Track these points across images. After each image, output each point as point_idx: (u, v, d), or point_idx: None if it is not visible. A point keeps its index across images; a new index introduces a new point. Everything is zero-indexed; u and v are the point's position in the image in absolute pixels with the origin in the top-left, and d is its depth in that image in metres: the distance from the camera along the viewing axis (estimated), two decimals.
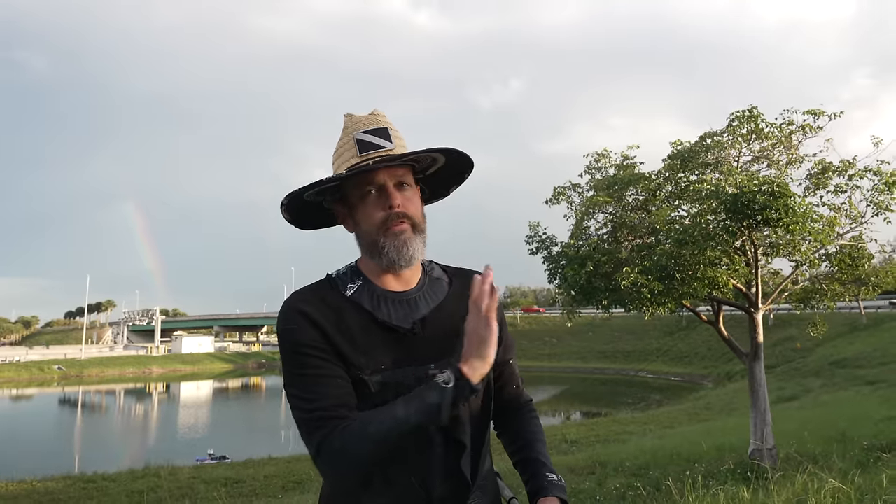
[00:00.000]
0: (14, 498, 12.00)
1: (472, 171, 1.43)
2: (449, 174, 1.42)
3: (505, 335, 1.42)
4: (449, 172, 1.42)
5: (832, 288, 8.75)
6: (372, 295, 1.29)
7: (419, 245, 1.29)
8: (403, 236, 1.26)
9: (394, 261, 1.26)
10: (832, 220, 7.80)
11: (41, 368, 59.74)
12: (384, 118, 1.32)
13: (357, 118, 1.31)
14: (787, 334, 37.17)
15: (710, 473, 7.65)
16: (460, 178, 1.45)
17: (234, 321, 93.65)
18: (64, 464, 17.35)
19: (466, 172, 1.43)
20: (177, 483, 12.75)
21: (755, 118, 8.22)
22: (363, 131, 1.28)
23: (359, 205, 1.28)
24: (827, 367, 27.72)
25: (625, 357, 53.03)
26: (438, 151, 1.32)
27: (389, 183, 1.27)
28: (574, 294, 8.76)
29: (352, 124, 1.30)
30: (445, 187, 1.46)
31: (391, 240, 1.26)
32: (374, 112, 1.32)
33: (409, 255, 1.27)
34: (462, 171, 1.42)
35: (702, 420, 19.47)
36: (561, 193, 9.29)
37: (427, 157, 1.34)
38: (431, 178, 1.41)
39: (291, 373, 1.22)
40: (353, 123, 1.30)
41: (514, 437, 1.44)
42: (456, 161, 1.38)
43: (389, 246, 1.26)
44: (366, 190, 1.27)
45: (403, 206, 1.27)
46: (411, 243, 1.27)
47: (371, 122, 1.30)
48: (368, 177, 1.26)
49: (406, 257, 1.27)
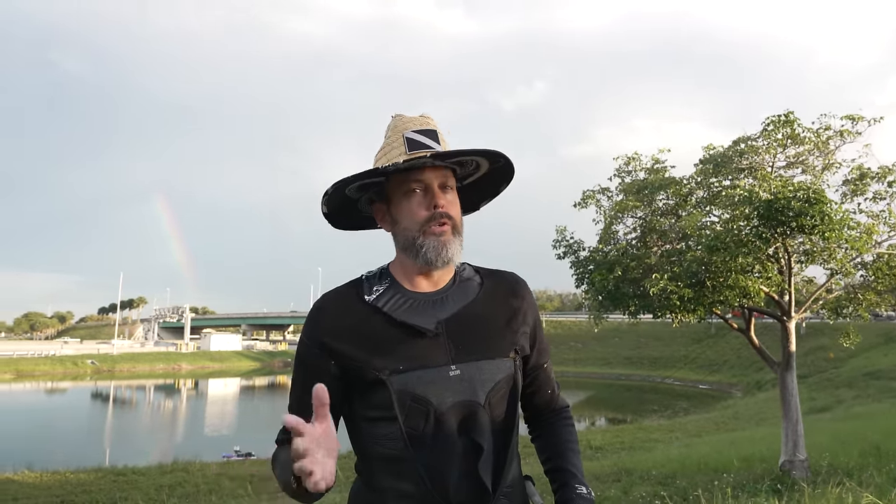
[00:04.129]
0: (48, 488, 12.32)
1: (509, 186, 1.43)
2: (485, 186, 1.43)
3: (540, 338, 1.41)
4: (486, 184, 1.42)
5: (867, 297, 8.51)
6: (397, 297, 1.29)
7: (457, 247, 1.29)
8: (444, 237, 1.27)
9: (431, 261, 1.27)
10: (870, 228, 7.60)
11: (75, 363, 61.20)
12: (433, 122, 1.33)
13: (407, 119, 1.32)
14: (819, 343, 36.28)
15: (739, 484, 7.50)
16: (495, 192, 1.45)
17: (262, 320, 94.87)
18: (95, 456, 17.74)
19: (503, 186, 1.43)
20: (203, 478, 12.95)
21: (791, 123, 8.05)
22: (413, 131, 1.28)
23: (402, 202, 1.29)
24: (861, 379, 27.01)
25: (651, 363, 52.28)
26: (487, 155, 1.32)
27: (435, 183, 1.28)
28: (601, 299, 8.68)
29: (401, 124, 1.31)
30: (479, 199, 1.46)
31: (431, 240, 1.26)
32: (423, 115, 1.33)
33: (448, 257, 1.27)
34: (499, 183, 1.42)
35: (730, 430, 19.10)
36: (590, 197, 9.21)
37: (471, 162, 1.34)
38: (466, 189, 1.41)
39: (293, 373, 1.31)
40: (403, 123, 1.31)
41: (545, 444, 1.42)
42: (496, 171, 1.38)
43: (428, 246, 1.26)
44: (411, 188, 1.27)
45: (447, 207, 1.28)
46: (451, 245, 1.27)
47: (421, 123, 1.30)
48: (415, 174, 1.27)
49: (444, 258, 1.27)
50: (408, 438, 1.20)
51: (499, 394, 1.27)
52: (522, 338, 1.34)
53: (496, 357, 1.28)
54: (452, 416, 1.22)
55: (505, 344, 1.30)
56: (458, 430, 1.22)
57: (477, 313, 1.30)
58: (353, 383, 1.26)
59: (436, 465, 1.20)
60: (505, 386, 1.28)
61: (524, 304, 1.38)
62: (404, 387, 1.21)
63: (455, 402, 1.22)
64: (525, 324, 1.36)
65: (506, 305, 1.35)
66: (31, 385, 50.73)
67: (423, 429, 1.21)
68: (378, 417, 1.24)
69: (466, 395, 1.23)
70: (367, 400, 1.25)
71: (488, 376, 1.26)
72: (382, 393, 1.21)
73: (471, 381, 1.24)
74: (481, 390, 1.25)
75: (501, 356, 1.29)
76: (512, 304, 1.36)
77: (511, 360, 1.30)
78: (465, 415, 1.23)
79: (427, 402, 1.21)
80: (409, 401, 1.20)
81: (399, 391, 1.21)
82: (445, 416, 1.21)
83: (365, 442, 1.28)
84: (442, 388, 1.22)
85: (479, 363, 1.26)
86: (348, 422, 1.32)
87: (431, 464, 1.20)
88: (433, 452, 1.21)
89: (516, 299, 1.37)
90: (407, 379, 1.21)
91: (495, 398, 1.26)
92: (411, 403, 1.21)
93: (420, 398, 1.21)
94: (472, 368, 1.25)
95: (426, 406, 1.21)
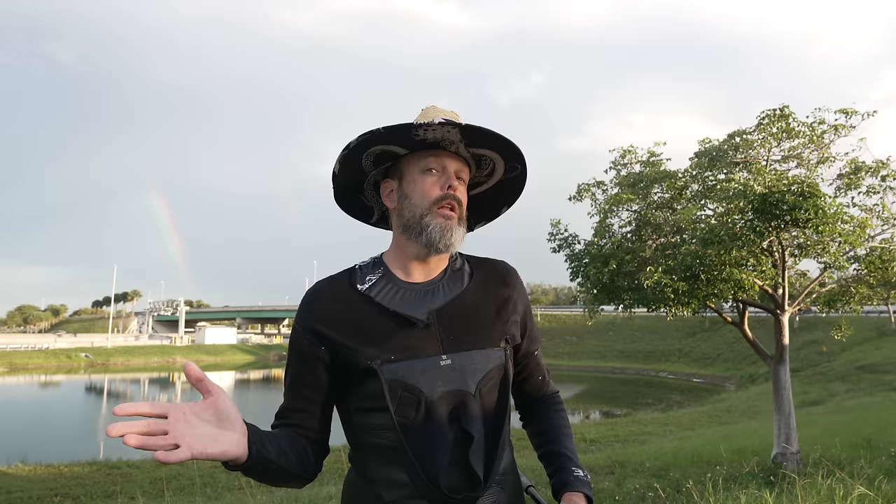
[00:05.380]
0: (42, 481, 12.29)
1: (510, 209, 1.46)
2: (489, 202, 1.45)
3: (531, 326, 1.42)
4: (490, 200, 1.45)
5: (860, 291, 8.57)
6: (388, 286, 1.29)
7: (460, 236, 1.30)
8: (451, 221, 1.28)
9: (433, 241, 1.27)
10: (863, 222, 7.64)
11: (69, 356, 61.06)
12: (460, 119, 1.35)
13: (439, 109, 1.33)
14: (812, 337, 36.50)
15: (731, 476, 7.55)
16: (495, 213, 1.48)
17: (257, 313, 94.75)
18: (90, 449, 17.71)
19: (505, 207, 1.46)
20: (199, 471, 12.95)
21: (786, 117, 8.08)
22: (444, 118, 1.29)
23: (417, 178, 1.30)
24: (853, 372, 27.18)
25: (645, 357, 52.51)
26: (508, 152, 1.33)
27: (451, 168, 1.30)
28: (596, 293, 8.70)
29: (434, 112, 1.32)
30: (476, 219, 1.48)
31: (439, 220, 1.28)
32: (453, 111, 1.35)
33: (450, 241, 1.28)
34: (501, 204, 1.46)
35: (723, 423, 19.21)
36: (585, 190, 9.22)
37: (489, 163, 1.37)
38: (476, 199, 1.44)
39: (287, 359, 1.32)
40: (435, 112, 1.32)
41: (538, 430, 1.44)
42: (505, 185, 1.41)
43: (434, 225, 1.27)
44: (429, 166, 1.29)
45: (459, 193, 1.30)
46: (455, 231, 1.29)
47: (451, 115, 1.32)
48: (435, 154, 1.29)
49: (446, 241, 1.28)
50: (399, 428, 1.20)
51: (490, 383, 1.27)
52: (513, 327, 1.35)
53: (487, 347, 1.29)
54: (443, 405, 1.22)
55: (496, 334, 1.31)
56: (448, 419, 1.22)
57: (468, 303, 1.31)
58: (344, 372, 1.26)
59: (427, 454, 1.21)
60: (496, 375, 1.28)
61: (514, 293, 1.38)
62: (395, 376, 1.21)
63: (446, 391, 1.23)
64: (515, 312, 1.37)
65: (496, 295, 1.35)
66: (24, 378, 50.60)
67: (415, 418, 1.21)
68: (370, 408, 1.24)
69: (457, 385, 1.24)
70: (359, 390, 1.25)
71: (479, 366, 1.26)
72: (374, 383, 1.22)
73: (462, 370, 1.24)
74: (472, 380, 1.25)
75: (492, 346, 1.29)
76: (502, 293, 1.36)
77: (502, 350, 1.30)
78: (456, 404, 1.23)
79: (418, 391, 1.21)
80: (400, 390, 1.21)
81: (390, 381, 1.21)
82: (436, 406, 1.21)
83: (357, 432, 1.28)
84: (433, 377, 1.22)
85: (471, 353, 1.26)
86: (341, 412, 1.32)
87: (423, 453, 1.21)
88: (425, 442, 1.21)
89: (507, 288, 1.38)
90: (398, 368, 1.22)
91: (486, 388, 1.26)
92: (402, 393, 1.21)
93: (411, 388, 1.21)
94: (464, 358, 1.25)
95: (417, 395, 1.21)
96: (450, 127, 1.24)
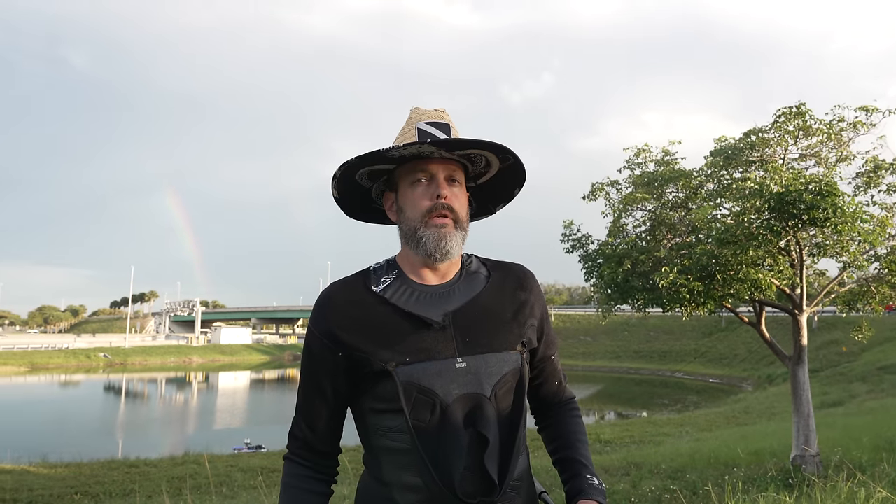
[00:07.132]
0: (63, 479, 12.48)
1: (522, 189, 1.42)
2: (499, 187, 1.42)
3: (547, 330, 1.40)
4: (499, 185, 1.42)
5: (881, 290, 8.43)
6: (403, 289, 1.29)
7: (458, 241, 1.29)
8: (444, 229, 1.26)
9: (430, 252, 1.26)
10: (883, 221, 7.52)
11: (88, 356, 61.89)
12: (448, 116, 1.33)
13: (422, 111, 1.33)
14: (831, 337, 36.02)
15: (749, 479, 7.46)
16: (509, 196, 1.45)
17: (271, 314, 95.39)
18: (108, 448, 17.95)
19: (516, 189, 1.43)
20: (215, 471, 13.06)
21: (803, 115, 7.96)
22: (425, 122, 1.29)
23: (408, 191, 1.29)
24: (874, 373, 26.78)
25: (661, 357, 52.13)
26: (492, 149, 1.30)
27: (441, 174, 1.28)
28: (610, 293, 8.64)
29: (416, 115, 1.32)
30: (493, 203, 1.46)
31: (432, 231, 1.26)
32: (438, 109, 1.34)
33: (446, 250, 1.27)
34: (511, 186, 1.42)
35: (741, 424, 19.01)
36: (599, 189, 9.16)
37: (480, 158, 1.33)
38: (480, 190, 1.41)
39: (302, 361, 1.32)
40: (418, 115, 1.32)
41: (554, 435, 1.42)
42: (507, 172, 1.38)
43: (428, 237, 1.26)
44: (417, 177, 1.28)
45: (450, 199, 1.28)
46: (451, 238, 1.27)
47: (435, 116, 1.31)
48: (421, 164, 1.27)
49: (443, 251, 1.26)
50: (414, 430, 1.20)
51: (505, 387, 1.26)
52: (530, 330, 1.34)
53: (503, 350, 1.27)
54: (458, 408, 1.21)
55: (512, 337, 1.30)
56: (463, 422, 1.21)
57: (484, 306, 1.30)
58: (359, 374, 1.25)
59: (442, 457, 1.20)
60: (511, 379, 1.27)
61: (531, 296, 1.37)
62: (410, 378, 1.21)
63: (461, 394, 1.22)
64: (532, 316, 1.35)
65: (513, 298, 1.34)
66: (45, 378, 51.39)
67: (429, 421, 1.20)
68: (384, 410, 1.23)
69: (472, 388, 1.23)
70: (374, 392, 1.24)
71: (495, 369, 1.25)
72: (388, 385, 1.21)
73: (477, 373, 1.24)
74: (487, 383, 1.24)
75: (508, 349, 1.28)
76: (519, 296, 1.35)
77: (518, 354, 1.29)
78: (471, 407, 1.22)
79: (433, 394, 1.21)
80: (415, 392, 1.20)
81: (405, 383, 1.20)
82: (451, 409, 1.21)
83: (372, 434, 1.28)
84: (448, 380, 1.22)
85: (486, 356, 1.25)
86: (356, 415, 1.32)
87: (437, 456, 1.20)
88: (439, 445, 1.20)
89: (524, 292, 1.37)
90: (413, 371, 1.21)
91: (501, 391, 1.25)
92: (417, 395, 1.20)
93: (426, 390, 1.20)
94: (479, 361, 1.24)
95: (432, 398, 1.20)
96: (419, 144, 1.23)
